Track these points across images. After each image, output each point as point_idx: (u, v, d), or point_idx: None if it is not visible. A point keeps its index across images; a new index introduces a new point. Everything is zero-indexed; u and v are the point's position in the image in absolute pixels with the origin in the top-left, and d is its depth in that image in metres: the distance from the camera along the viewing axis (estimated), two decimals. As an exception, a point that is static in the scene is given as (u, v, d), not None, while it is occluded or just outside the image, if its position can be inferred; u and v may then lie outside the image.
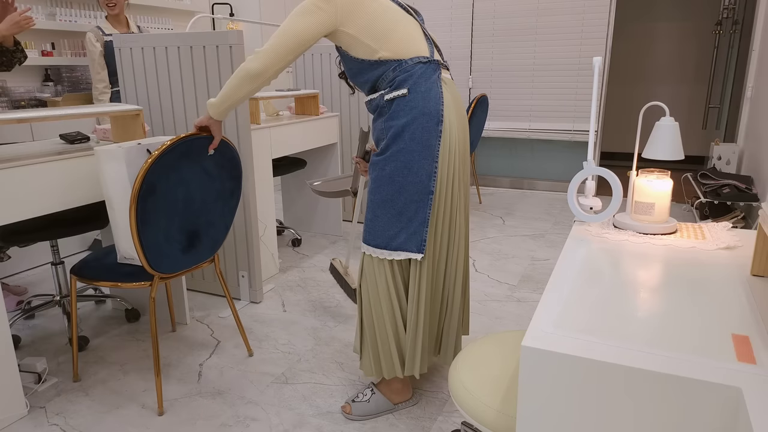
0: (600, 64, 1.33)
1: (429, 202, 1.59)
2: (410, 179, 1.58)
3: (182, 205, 1.80)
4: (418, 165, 1.57)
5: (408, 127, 1.55)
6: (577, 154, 4.92)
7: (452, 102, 1.63)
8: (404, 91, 1.55)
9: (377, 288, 1.70)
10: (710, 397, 0.73)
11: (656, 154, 1.31)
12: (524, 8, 4.67)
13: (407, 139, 1.56)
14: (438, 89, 1.58)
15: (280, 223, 3.76)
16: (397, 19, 1.59)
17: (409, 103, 1.55)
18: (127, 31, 3.53)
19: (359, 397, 1.83)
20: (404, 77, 1.56)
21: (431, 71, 1.59)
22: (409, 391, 1.87)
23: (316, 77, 3.83)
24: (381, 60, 1.57)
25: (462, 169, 1.72)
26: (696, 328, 0.87)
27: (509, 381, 1.17)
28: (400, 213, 1.61)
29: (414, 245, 1.62)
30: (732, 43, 5.37)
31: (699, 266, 1.12)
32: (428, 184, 1.58)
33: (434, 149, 1.57)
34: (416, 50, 1.59)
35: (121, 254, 1.92)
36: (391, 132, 1.58)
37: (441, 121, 1.57)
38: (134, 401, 1.92)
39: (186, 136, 1.74)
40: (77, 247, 3.47)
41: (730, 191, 3.23)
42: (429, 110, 1.55)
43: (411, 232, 1.62)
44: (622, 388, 0.78)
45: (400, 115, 1.56)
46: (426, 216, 1.60)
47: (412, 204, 1.60)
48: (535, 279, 2.96)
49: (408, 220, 1.61)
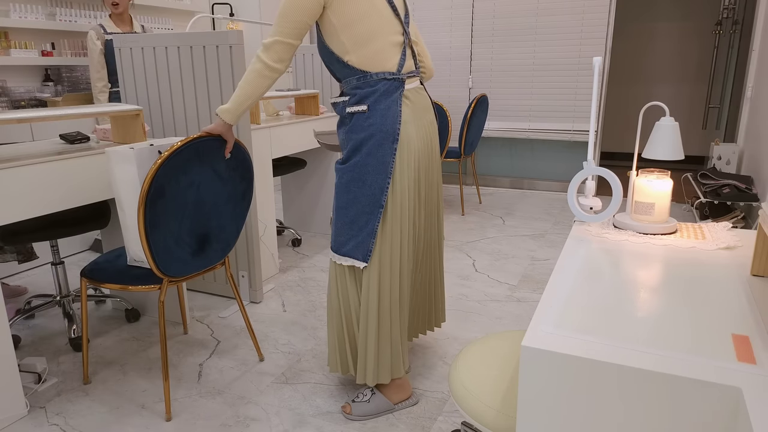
0: (600, 64, 1.33)
1: (378, 215, 1.66)
2: (363, 191, 1.66)
3: (192, 207, 1.78)
4: (372, 179, 1.65)
5: (365, 143, 1.63)
6: (577, 154, 4.92)
7: (412, 116, 1.70)
8: (364, 108, 1.63)
9: (338, 291, 1.79)
10: (710, 397, 0.73)
11: (656, 154, 1.31)
12: (524, 8, 4.67)
13: (364, 154, 1.64)
14: (397, 108, 1.65)
15: (280, 223, 3.76)
16: (379, 30, 1.63)
17: (368, 120, 1.63)
18: (130, 30, 3.52)
19: (359, 397, 1.84)
20: (367, 92, 1.63)
21: (394, 89, 1.65)
22: (408, 389, 1.87)
23: (316, 77, 3.83)
24: (348, 64, 1.64)
25: (426, 176, 1.82)
26: (696, 328, 0.87)
27: (509, 381, 1.17)
28: (351, 222, 1.69)
29: (360, 254, 1.70)
30: (732, 43, 5.37)
31: (699, 266, 1.12)
32: (380, 198, 1.65)
33: (388, 165, 1.64)
34: (384, 65, 1.65)
35: (131, 256, 1.92)
36: (350, 144, 1.67)
37: (396, 140, 1.64)
38: (134, 401, 1.92)
39: (196, 137, 1.71)
40: (77, 247, 3.47)
41: (730, 191, 3.23)
42: (386, 129, 1.63)
43: (359, 242, 1.69)
44: (622, 388, 0.78)
45: (358, 131, 1.64)
46: (374, 228, 1.67)
47: (363, 215, 1.67)
48: (535, 279, 2.96)
49: (358, 229, 1.69)
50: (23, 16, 3.45)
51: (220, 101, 2.46)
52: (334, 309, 1.81)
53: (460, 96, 5.06)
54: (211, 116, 2.51)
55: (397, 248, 1.72)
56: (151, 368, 2.13)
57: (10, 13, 3.39)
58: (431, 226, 1.92)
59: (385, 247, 1.70)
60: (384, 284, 1.72)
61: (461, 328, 2.41)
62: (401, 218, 1.71)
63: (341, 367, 1.86)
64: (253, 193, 2.04)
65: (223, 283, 2.77)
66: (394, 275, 1.73)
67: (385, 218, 1.68)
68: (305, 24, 1.60)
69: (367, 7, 1.60)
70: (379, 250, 1.69)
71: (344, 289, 1.77)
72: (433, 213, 1.91)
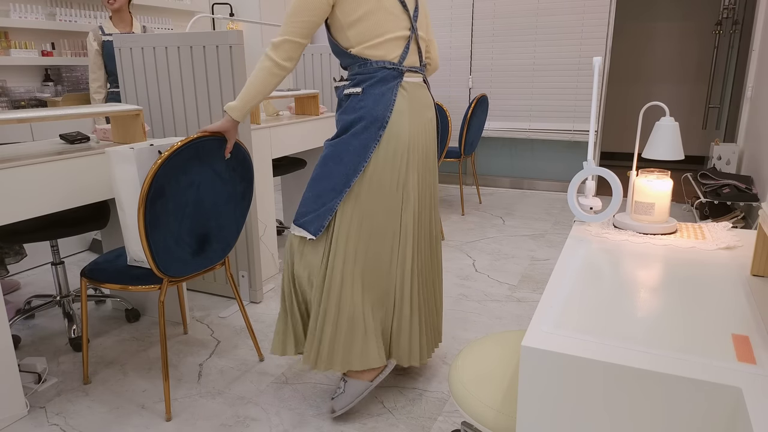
0: (600, 64, 1.33)
1: (343, 194, 1.68)
2: (338, 169, 1.68)
3: (192, 207, 1.78)
4: (348, 159, 1.67)
5: (354, 124, 1.67)
6: (577, 154, 4.92)
7: (408, 108, 1.70)
8: (359, 90, 1.67)
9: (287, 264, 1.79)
10: (710, 397, 0.73)
11: (656, 154, 1.31)
12: (524, 8, 4.67)
13: (349, 135, 1.67)
14: (391, 96, 1.66)
15: (280, 223, 3.76)
16: (385, 27, 1.64)
17: (360, 102, 1.66)
18: (130, 30, 3.52)
19: (336, 392, 1.82)
20: (364, 77, 1.67)
21: (392, 77, 1.67)
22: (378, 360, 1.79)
23: (316, 77, 3.83)
24: (351, 53, 1.67)
25: (419, 173, 1.79)
26: (696, 327, 0.87)
27: (509, 381, 1.17)
28: (317, 195, 1.71)
29: (312, 227, 1.71)
30: (732, 43, 5.37)
31: (699, 266, 1.12)
32: (351, 179, 1.67)
33: (368, 149, 1.66)
34: (386, 56, 1.67)
35: (131, 256, 1.92)
36: (341, 124, 1.70)
37: (383, 127, 1.65)
38: (134, 401, 1.92)
39: (196, 137, 1.71)
40: (77, 247, 3.47)
41: (730, 191, 3.23)
42: (375, 114, 1.65)
43: (317, 215, 1.71)
44: (621, 387, 0.78)
45: (350, 111, 1.68)
46: (334, 206, 1.69)
47: (330, 192, 1.69)
48: (535, 279, 2.96)
49: (321, 204, 1.71)
50: (23, 16, 3.46)
51: (220, 101, 2.46)
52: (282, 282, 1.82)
53: (460, 96, 5.06)
54: (211, 116, 2.51)
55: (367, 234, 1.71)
56: (151, 368, 2.13)
57: (10, 13, 3.39)
58: (423, 229, 1.86)
59: (352, 231, 1.69)
60: (347, 270, 1.70)
61: (461, 328, 2.41)
62: (377, 205, 1.69)
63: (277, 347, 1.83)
64: (253, 193, 2.04)
65: (223, 283, 2.78)
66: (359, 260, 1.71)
67: (356, 201, 1.68)
68: (314, 23, 1.61)
69: (374, 5, 1.62)
70: (346, 232, 1.69)
71: (290, 261, 1.78)
72: (425, 217, 1.86)
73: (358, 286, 1.73)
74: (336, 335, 1.73)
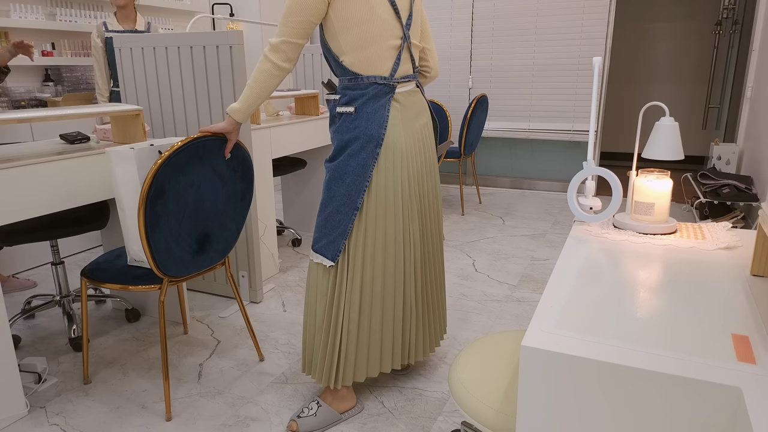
0: (600, 64, 1.33)
1: (353, 216, 1.68)
2: (341, 191, 1.68)
3: (192, 207, 1.78)
4: (350, 180, 1.67)
5: (349, 144, 1.66)
6: (576, 154, 4.92)
7: (401, 120, 1.71)
8: (351, 110, 1.66)
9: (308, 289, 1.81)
10: (710, 397, 0.73)
11: (656, 154, 1.31)
12: (524, 8, 4.67)
13: (347, 155, 1.67)
14: (384, 112, 1.66)
15: (280, 223, 3.76)
16: (377, 35, 1.63)
17: (354, 122, 1.66)
18: (134, 27, 3.52)
19: (305, 411, 1.78)
20: (356, 94, 1.66)
21: (383, 93, 1.67)
22: (352, 399, 1.84)
23: (316, 77, 3.83)
24: (343, 64, 1.66)
25: (420, 182, 1.81)
26: (696, 327, 0.87)
27: (509, 381, 1.17)
28: (326, 220, 1.72)
29: (329, 252, 1.72)
30: (732, 43, 5.37)
31: (699, 266, 1.12)
32: (356, 200, 1.67)
33: (368, 168, 1.66)
34: (378, 69, 1.66)
35: (131, 256, 1.92)
36: (336, 144, 1.70)
37: (380, 144, 1.66)
38: (134, 401, 1.92)
39: (197, 137, 1.71)
40: (77, 247, 3.47)
41: (729, 191, 3.23)
42: (370, 133, 1.65)
43: (330, 240, 1.71)
44: (621, 387, 0.78)
45: (344, 131, 1.67)
46: (347, 229, 1.69)
47: (338, 215, 1.70)
48: (535, 279, 2.96)
49: (332, 228, 1.71)
50: (23, 16, 3.46)
51: (221, 101, 2.46)
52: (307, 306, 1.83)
53: (460, 96, 5.06)
54: (211, 116, 2.51)
55: (381, 250, 1.72)
56: (151, 368, 2.13)
57: (10, 13, 3.39)
58: (429, 233, 1.88)
59: (368, 250, 1.71)
60: (366, 288, 1.72)
61: (461, 328, 2.41)
62: (386, 221, 1.71)
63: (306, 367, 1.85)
64: (253, 193, 2.04)
65: (223, 283, 2.78)
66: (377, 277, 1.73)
67: (366, 221, 1.69)
68: (311, 23, 1.60)
69: (366, 11, 1.60)
70: (362, 252, 1.70)
71: (314, 288, 1.78)
72: (430, 221, 1.88)
73: (378, 302, 1.75)
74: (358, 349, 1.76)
